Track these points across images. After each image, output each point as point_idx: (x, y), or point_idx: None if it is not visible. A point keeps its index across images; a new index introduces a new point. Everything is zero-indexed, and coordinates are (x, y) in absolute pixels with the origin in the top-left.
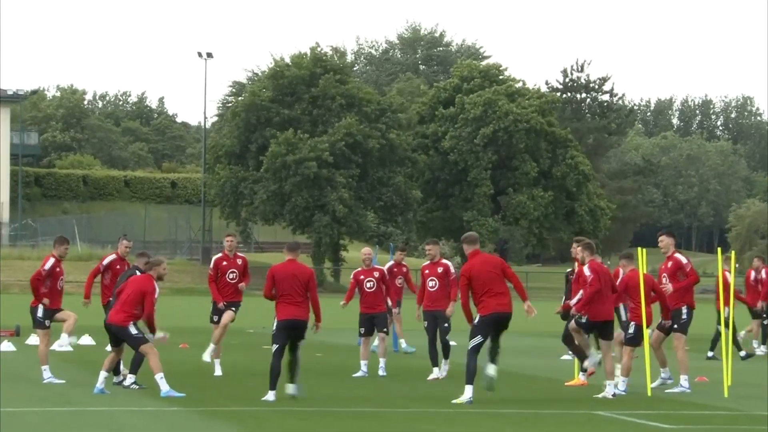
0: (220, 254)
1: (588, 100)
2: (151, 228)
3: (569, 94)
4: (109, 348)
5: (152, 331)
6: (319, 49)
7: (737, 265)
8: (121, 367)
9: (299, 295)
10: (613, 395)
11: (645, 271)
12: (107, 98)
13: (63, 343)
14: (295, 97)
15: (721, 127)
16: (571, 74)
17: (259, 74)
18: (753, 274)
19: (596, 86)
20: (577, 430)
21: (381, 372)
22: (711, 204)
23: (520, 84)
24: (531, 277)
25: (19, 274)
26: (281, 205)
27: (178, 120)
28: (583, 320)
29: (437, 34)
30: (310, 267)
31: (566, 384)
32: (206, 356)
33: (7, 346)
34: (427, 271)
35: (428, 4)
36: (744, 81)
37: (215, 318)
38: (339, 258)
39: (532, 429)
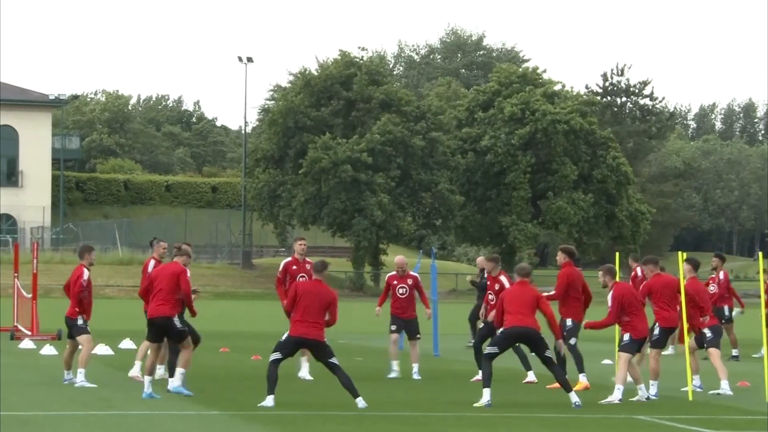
0: (289, 258)
1: (628, 104)
2: (191, 232)
3: (609, 98)
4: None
5: (192, 311)
6: (351, 54)
7: None
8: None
9: (318, 315)
10: (647, 398)
11: (684, 277)
12: (150, 102)
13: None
14: (333, 100)
15: (764, 131)
16: (612, 78)
17: (294, 79)
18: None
19: (637, 90)
20: None
21: (415, 376)
22: (752, 208)
23: (558, 86)
24: None
25: (61, 279)
26: (319, 208)
27: (218, 124)
28: (626, 338)
29: (477, 38)
30: (349, 271)
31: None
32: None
33: (49, 349)
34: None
35: (469, 8)
36: None
37: None
38: (379, 262)
39: None
